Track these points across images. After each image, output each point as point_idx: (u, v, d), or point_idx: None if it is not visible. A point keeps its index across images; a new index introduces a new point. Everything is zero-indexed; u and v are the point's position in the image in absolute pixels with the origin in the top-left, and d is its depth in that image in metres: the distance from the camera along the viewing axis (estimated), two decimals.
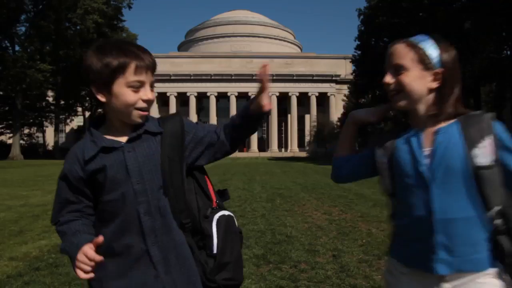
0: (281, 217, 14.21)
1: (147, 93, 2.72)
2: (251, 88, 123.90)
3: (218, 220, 2.84)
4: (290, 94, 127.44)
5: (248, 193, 21.46)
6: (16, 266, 8.66)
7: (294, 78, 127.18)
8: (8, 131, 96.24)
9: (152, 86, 2.77)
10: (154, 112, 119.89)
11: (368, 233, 11.49)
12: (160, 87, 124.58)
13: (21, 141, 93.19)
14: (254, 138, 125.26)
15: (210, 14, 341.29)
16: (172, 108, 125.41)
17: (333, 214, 14.85)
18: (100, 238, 2.56)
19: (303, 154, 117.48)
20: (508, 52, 72.66)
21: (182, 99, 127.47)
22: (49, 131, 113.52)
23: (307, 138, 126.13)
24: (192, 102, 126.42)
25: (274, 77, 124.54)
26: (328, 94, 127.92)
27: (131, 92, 2.67)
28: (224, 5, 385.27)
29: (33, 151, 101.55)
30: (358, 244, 10.30)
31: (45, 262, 8.88)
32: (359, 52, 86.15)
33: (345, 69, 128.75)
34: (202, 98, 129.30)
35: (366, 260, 8.81)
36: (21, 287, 7.30)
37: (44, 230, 12.35)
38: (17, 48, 78.58)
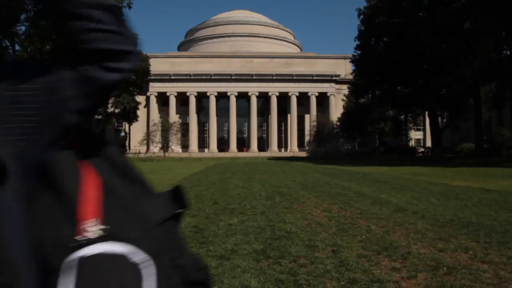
0: (280, 214, 14.20)
1: None
2: (250, 88, 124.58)
3: (81, 267, 1.22)
4: (290, 94, 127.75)
5: (247, 191, 21.47)
6: None
7: (294, 78, 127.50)
8: None
9: None
10: (154, 112, 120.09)
11: (367, 229, 11.51)
12: (160, 86, 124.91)
13: None
14: (254, 137, 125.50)
15: (210, 14, 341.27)
16: (172, 108, 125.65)
17: (332, 211, 14.86)
18: None
19: (303, 154, 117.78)
20: (508, 52, 72.82)
21: (182, 98, 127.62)
22: None
23: (307, 138, 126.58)
24: (192, 102, 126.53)
25: (274, 77, 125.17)
26: (328, 94, 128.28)
27: None
28: (224, 5, 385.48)
29: None
30: (358, 240, 10.32)
31: None
32: (359, 52, 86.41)
33: (345, 69, 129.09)
34: (202, 97, 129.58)
35: (366, 255, 8.83)
36: None
37: None
38: (17, 47, 78.42)
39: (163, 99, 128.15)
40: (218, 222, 12.54)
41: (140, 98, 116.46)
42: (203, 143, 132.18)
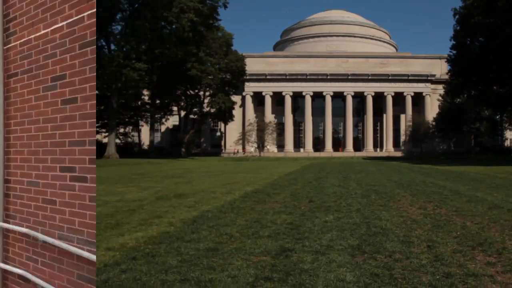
0: (376, 211, 14.17)
1: None
2: (346, 88, 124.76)
3: None
4: (385, 94, 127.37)
5: (343, 190, 21.47)
6: (113, 255, 8.76)
7: (389, 78, 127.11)
8: (104, 130, 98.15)
9: None
10: (250, 112, 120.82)
11: (462, 226, 11.41)
12: (256, 86, 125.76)
13: (117, 140, 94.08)
14: (349, 137, 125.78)
15: (305, 13, 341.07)
16: (268, 108, 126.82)
17: (428, 208, 14.76)
18: None
19: (398, 154, 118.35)
20: None
21: (278, 98, 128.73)
22: (145, 130, 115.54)
23: (402, 138, 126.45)
24: (288, 102, 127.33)
25: (370, 77, 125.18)
26: (424, 94, 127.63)
27: None
28: (320, 5, 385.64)
29: (128, 150, 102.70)
30: (453, 236, 10.24)
31: (142, 252, 8.98)
32: (454, 51, 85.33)
33: (440, 68, 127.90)
34: (297, 97, 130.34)
35: (461, 250, 8.78)
36: (118, 274, 7.40)
37: (140, 223, 12.48)
38: (112, 47, 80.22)
39: (258, 98, 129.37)
40: (314, 219, 12.55)
41: (236, 98, 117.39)
42: (298, 143, 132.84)
